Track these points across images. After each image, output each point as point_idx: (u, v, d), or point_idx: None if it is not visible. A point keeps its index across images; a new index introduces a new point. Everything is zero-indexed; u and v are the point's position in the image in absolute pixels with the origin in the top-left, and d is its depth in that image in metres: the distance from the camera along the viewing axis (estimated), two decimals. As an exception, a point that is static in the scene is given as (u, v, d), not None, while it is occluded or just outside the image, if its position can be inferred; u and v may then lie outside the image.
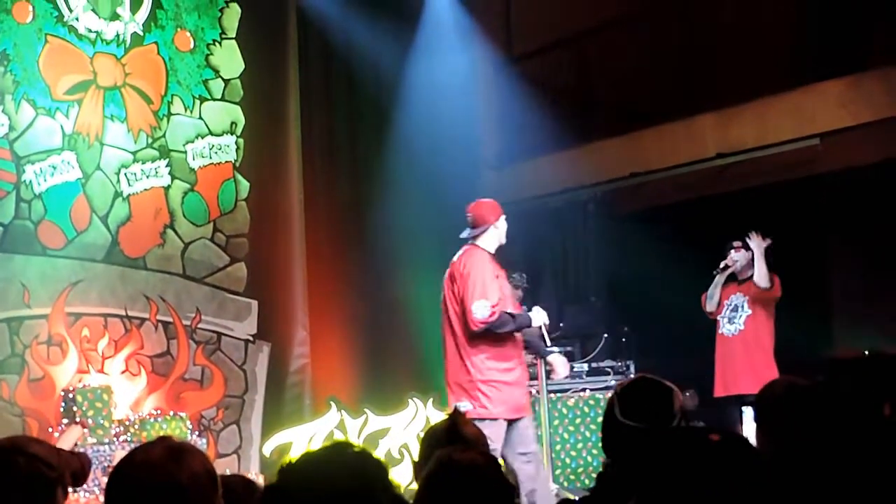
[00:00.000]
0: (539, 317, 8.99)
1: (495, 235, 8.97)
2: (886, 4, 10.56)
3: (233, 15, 12.31)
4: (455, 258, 8.93)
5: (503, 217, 9.04)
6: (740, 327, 10.95)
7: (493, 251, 8.95)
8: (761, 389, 4.74)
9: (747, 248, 11.04)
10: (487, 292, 8.65)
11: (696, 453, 3.15)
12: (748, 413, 9.76)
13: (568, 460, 11.04)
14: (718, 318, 11.12)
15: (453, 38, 13.25)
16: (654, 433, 4.13)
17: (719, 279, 11.09)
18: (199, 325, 11.76)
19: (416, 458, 5.08)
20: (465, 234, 9.00)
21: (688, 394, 12.39)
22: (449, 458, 3.81)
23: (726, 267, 11.08)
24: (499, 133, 13.83)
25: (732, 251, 11.06)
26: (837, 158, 11.29)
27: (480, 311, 8.60)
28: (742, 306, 10.99)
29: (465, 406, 8.49)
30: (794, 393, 4.51)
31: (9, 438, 4.12)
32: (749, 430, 8.89)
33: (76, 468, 4.22)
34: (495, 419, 8.67)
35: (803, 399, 4.42)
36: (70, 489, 9.04)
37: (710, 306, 11.15)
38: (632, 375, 11.07)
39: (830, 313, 12.15)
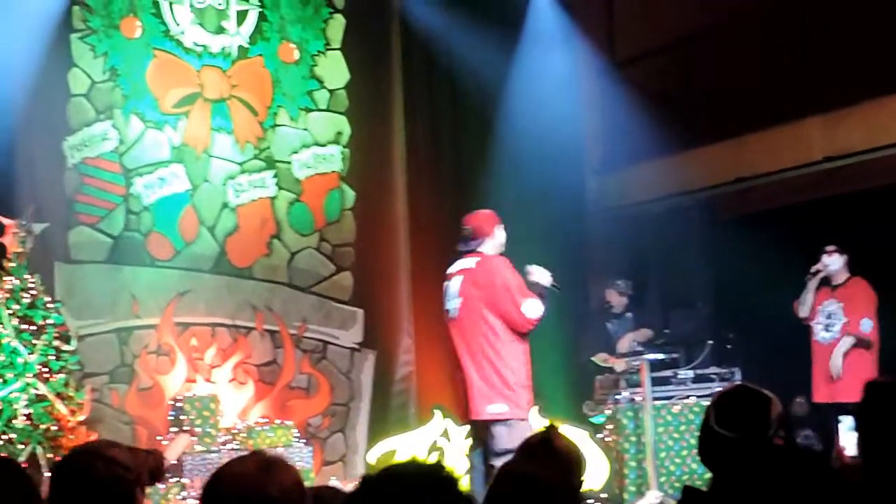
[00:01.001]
0: (545, 275, 9.00)
1: (493, 245, 9.01)
2: None
3: (337, 26, 12.42)
4: (465, 265, 8.96)
5: (500, 226, 9.08)
6: (836, 336, 10.77)
7: None
8: (864, 392, 4.64)
9: (841, 252, 10.88)
10: (527, 291, 8.72)
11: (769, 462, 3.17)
12: (845, 422, 9.57)
13: (672, 468, 10.95)
14: (812, 324, 10.96)
15: (556, 44, 13.21)
16: (746, 443, 4.13)
17: (811, 285, 10.94)
18: (306, 334, 11.89)
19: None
20: (462, 247, 9.06)
21: (798, 401, 12.27)
22: (512, 468, 3.86)
23: (817, 272, 10.94)
24: (603, 139, 13.79)
25: (825, 255, 10.90)
26: (947, 161, 11.10)
27: (534, 310, 8.68)
28: (837, 314, 10.82)
29: (500, 409, 8.58)
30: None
31: (86, 443, 4.24)
32: (846, 439, 8.77)
33: (153, 466, 4.32)
34: (526, 420, 8.78)
35: None
36: (179, 497, 9.19)
37: (802, 312, 10.99)
38: (737, 382, 11.00)
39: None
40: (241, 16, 11.91)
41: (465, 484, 3.07)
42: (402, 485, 2.99)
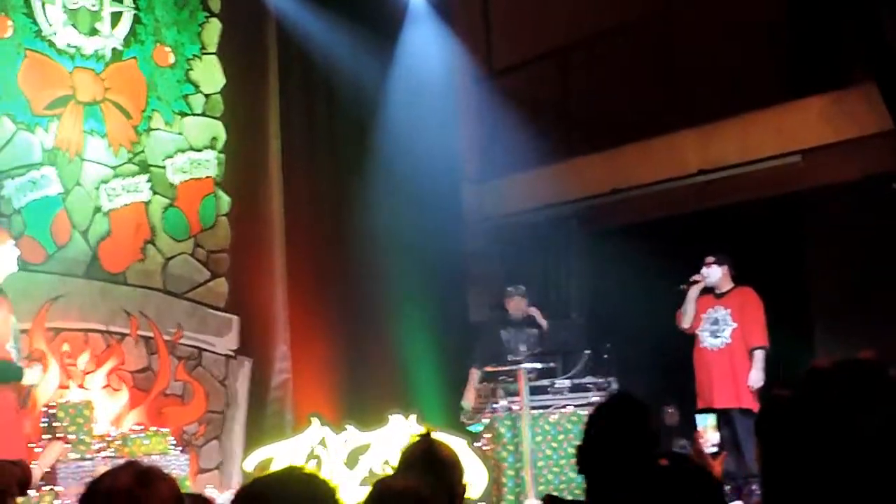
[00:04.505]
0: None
1: None
2: (868, 22, 10.57)
3: (213, 30, 12.27)
4: None
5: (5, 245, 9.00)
6: (727, 341, 10.91)
7: None
8: (765, 401, 4.64)
9: (720, 262, 11.05)
10: None
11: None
12: (708, 420, 9.56)
13: (550, 476, 10.99)
14: (697, 332, 11.09)
15: (434, 52, 13.24)
16: (626, 455, 4.14)
17: (692, 294, 11.09)
18: (181, 341, 11.72)
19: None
20: None
21: (669, 410, 12.42)
22: (384, 485, 3.79)
23: (695, 282, 11.09)
24: (480, 148, 13.81)
25: (704, 267, 11.07)
26: (819, 175, 11.29)
27: None
28: (725, 319, 10.97)
29: None
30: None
31: None
32: (709, 437, 8.77)
33: (20, 477, 4.19)
34: None
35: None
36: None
37: (685, 322, 11.13)
38: (615, 391, 11.08)
39: (811, 330, 12.14)
40: (116, 18, 11.70)
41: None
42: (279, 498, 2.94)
